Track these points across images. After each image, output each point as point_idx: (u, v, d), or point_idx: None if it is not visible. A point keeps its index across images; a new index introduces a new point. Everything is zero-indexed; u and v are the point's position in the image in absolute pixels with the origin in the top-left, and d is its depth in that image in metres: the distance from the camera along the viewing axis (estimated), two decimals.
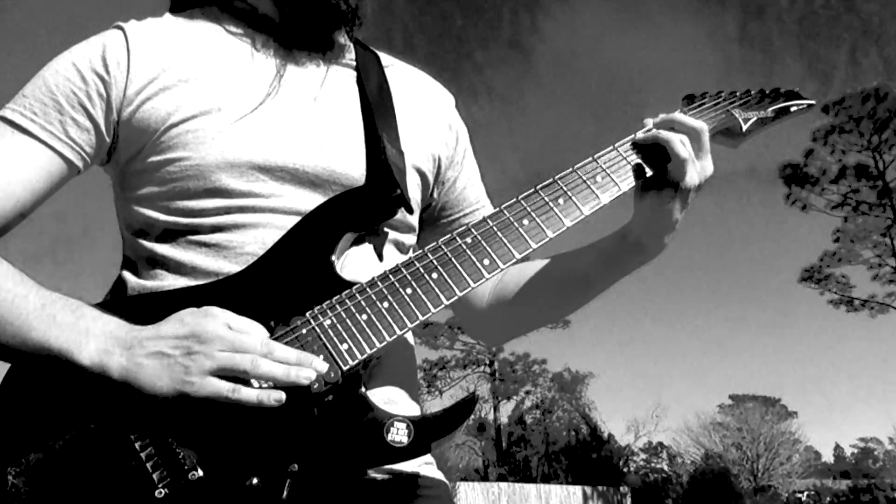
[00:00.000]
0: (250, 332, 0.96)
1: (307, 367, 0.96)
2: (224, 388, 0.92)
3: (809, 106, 1.35)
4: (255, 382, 0.95)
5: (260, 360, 0.93)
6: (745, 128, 1.28)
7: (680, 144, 1.15)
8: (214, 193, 1.08)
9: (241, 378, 0.93)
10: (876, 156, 28.16)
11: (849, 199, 28.79)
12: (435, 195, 1.32)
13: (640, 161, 1.18)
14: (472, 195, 1.37)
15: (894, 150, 27.90)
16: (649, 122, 1.22)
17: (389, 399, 1.11)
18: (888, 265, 28.63)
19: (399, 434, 0.97)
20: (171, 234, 1.10)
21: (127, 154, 1.12)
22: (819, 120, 27.86)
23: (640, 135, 1.20)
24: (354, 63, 1.26)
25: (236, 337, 0.94)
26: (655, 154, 1.18)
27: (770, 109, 1.32)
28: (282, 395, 0.93)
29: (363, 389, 1.00)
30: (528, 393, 39.71)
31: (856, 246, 28.99)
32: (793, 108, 1.34)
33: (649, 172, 1.18)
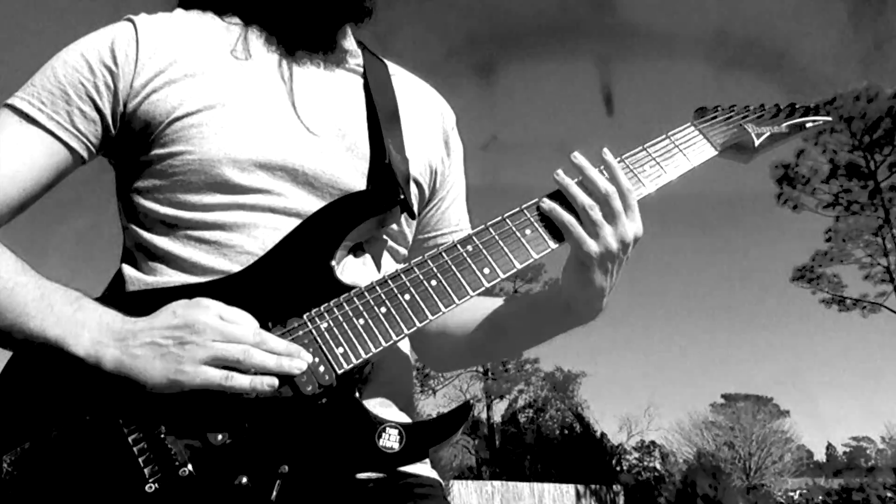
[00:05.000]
0: (242, 323, 0.97)
1: (297, 358, 0.97)
2: (217, 376, 0.93)
3: (825, 122, 1.33)
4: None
5: (252, 350, 0.94)
6: (757, 143, 1.26)
7: (575, 226, 1.08)
8: (216, 188, 1.09)
9: (233, 368, 0.94)
10: (867, 155, 28.29)
11: (840, 198, 28.93)
12: (422, 211, 1.32)
13: (539, 233, 1.11)
14: (453, 216, 1.37)
15: (885, 150, 28.04)
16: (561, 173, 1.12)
17: (385, 404, 1.12)
18: (880, 265, 28.77)
19: (391, 440, 0.97)
20: (171, 228, 1.11)
21: (131, 146, 1.13)
22: None
23: (545, 203, 1.11)
24: (362, 69, 1.26)
25: (228, 327, 0.95)
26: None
27: (784, 125, 1.30)
28: (275, 381, 0.95)
29: (357, 394, 1.01)
30: (520, 392, 39.82)
31: (847, 245, 29.11)
32: (808, 124, 1.32)
33: (550, 247, 1.11)
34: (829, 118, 1.34)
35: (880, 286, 29.02)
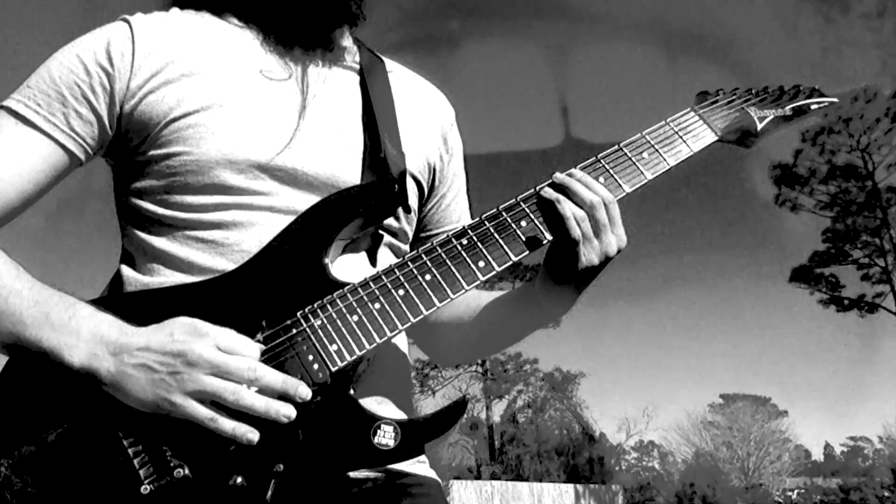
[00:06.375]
0: (239, 354, 0.95)
1: (291, 397, 0.95)
2: (203, 415, 0.92)
3: (831, 103, 1.29)
4: None
5: (243, 393, 0.93)
6: (760, 127, 1.23)
7: (573, 224, 1.07)
8: (213, 189, 1.08)
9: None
10: (865, 156, 28.33)
11: (838, 199, 28.95)
12: (422, 208, 1.32)
13: (535, 225, 1.10)
14: (455, 212, 1.37)
15: (883, 151, 28.08)
16: (555, 177, 1.11)
17: (381, 401, 1.11)
18: (877, 265, 28.82)
19: (386, 437, 0.97)
20: (169, 228, 1.10)
21: (128, 146, 1.13)
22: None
23: (545, 193, 1.10)
24: (359, 66, 1.26)
25: (223, 360, 0.94)
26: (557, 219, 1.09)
27: (788, 107, 1.26)
28: (256, 435, 0.93)
29: (352, 391, 1.00)
30: (519, 392, 39.78)
31: (845, 246, 29.16)
32: (812, 106, 1.28)
33: (547, 238, 1.09)
34: (835, 99, 1.29)
35: (878, 286, 29.09)
